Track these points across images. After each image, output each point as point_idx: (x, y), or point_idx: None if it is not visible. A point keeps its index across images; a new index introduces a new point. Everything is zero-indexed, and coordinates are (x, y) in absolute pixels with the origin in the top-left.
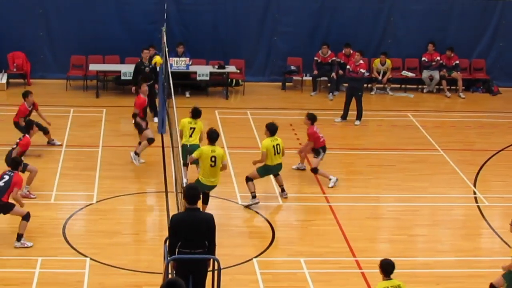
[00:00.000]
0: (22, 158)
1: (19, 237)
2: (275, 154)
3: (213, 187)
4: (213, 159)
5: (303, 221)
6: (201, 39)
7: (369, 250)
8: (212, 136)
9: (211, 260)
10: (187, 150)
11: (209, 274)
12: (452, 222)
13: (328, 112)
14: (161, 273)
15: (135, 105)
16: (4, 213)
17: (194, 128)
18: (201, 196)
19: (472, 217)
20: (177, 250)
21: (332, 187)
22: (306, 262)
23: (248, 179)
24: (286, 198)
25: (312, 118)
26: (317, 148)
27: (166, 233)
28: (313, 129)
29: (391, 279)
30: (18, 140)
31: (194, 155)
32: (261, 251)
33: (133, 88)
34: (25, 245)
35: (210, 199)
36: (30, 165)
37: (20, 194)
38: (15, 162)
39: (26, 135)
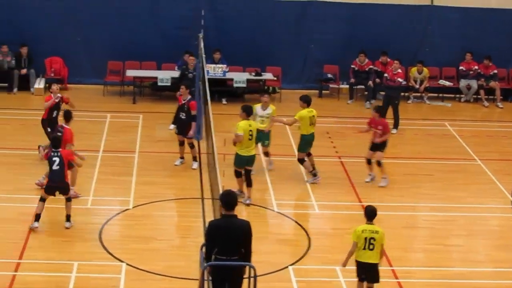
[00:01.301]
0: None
1: (68, 217)
2: (310, 124)
3: (251, 157)
4: (250, 132)
5: (339, 230)
6: (237, 46)
7: (404, 259)
8: (248, 111)
9: (247, 267)
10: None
11: (245, 281)
12: (489, 232)
13: (365, 120)
14: (197, 279)
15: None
16: (66, 194)
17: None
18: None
19: (510, 227)
20: (213, 256)
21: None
22: (342, 270)
23: (301, 162)
24: (316, 182)
25: (380, 111)
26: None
27: (201, 239)
28: (385, 121)
29: (372, 224)
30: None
31: (239, 132)
32: (296, 259)
33: (178, 93)
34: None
35: (243, 206)
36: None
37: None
38: (55, 140)
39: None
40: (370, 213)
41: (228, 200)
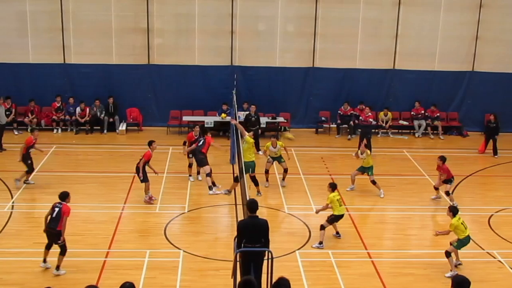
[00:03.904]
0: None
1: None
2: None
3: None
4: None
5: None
6: (260, 98)
7: (377, 245)
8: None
9: (266, 251)
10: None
11: (265, 262)
12: (434, 225)
13: (348, 148)
14: (231, 261)
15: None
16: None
17: None
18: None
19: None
20: (242, 245)
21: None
22: (333, 253)
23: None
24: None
25: (443, 159)
26: (449, 178)
27: (235, 233)
28: (446, 166)
29: (336, 192)
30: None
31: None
32: (301, 245)
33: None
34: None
35: (264, 209)
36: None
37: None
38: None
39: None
40: (334, 186)
41: (252, 206)
